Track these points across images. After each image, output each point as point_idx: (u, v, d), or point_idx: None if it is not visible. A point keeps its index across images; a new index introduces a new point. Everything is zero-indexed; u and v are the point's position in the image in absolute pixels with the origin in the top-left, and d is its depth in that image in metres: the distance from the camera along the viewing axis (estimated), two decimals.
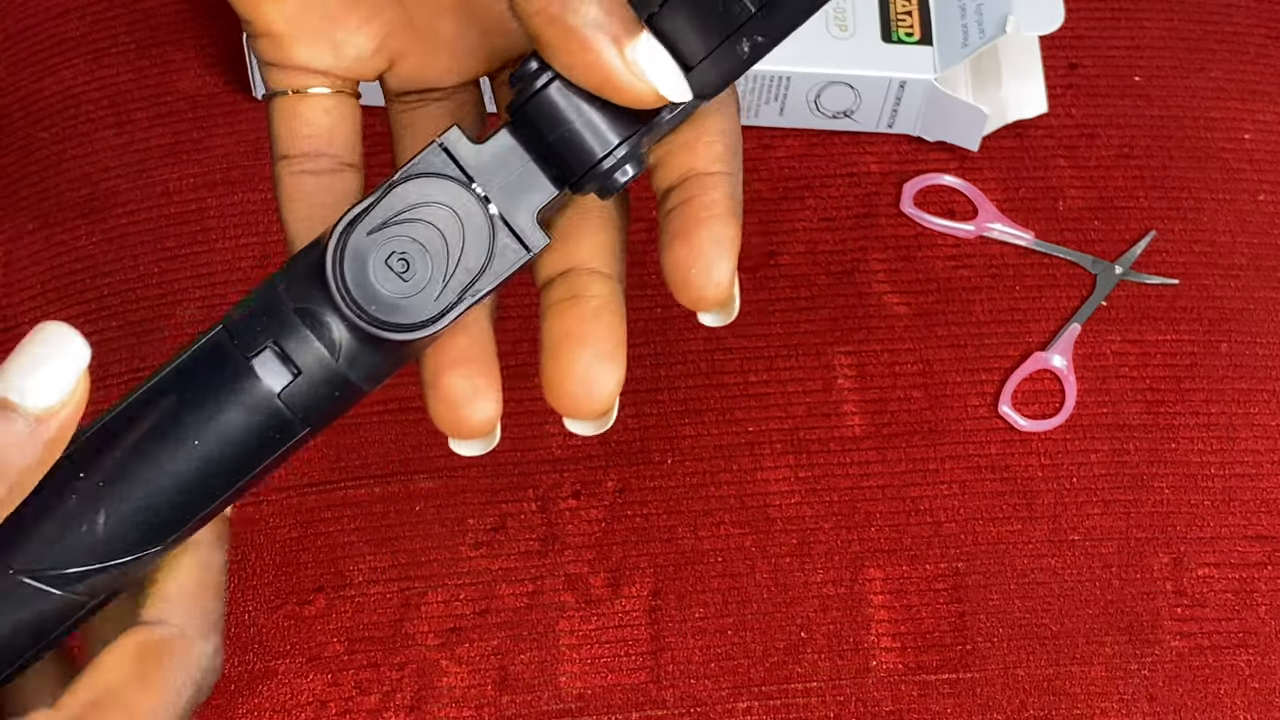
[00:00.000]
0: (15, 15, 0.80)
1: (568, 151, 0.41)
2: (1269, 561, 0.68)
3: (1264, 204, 0.76)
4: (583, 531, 0.67)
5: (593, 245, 0.44)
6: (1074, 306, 0.73)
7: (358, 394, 0.42)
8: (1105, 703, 0.65)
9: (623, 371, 0.43)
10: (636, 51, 0.40)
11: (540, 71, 0.41)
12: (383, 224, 0.41)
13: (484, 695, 0.64)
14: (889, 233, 0.74)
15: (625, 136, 0.41)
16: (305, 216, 0.46)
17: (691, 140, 0.44)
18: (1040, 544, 0.68)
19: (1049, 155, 0.77)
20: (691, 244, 0.42)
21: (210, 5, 0.79)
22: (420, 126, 0.47)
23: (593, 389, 0.43)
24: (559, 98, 0.41)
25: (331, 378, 0.41)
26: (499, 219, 0.41)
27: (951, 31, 0.75)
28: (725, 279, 0.42)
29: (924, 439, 0.70)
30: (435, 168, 0.41)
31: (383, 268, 0.41)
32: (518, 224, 0.42)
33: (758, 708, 0.64)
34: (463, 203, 0.41)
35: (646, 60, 0.40)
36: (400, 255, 0.41)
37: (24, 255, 0.74)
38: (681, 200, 0.43)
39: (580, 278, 0.44)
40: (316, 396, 0.41)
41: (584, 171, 0.41)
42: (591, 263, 0.44)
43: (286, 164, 0.46)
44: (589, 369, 0.43)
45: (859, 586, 0.67)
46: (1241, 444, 0.70)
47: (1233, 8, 0.82)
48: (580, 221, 0.44)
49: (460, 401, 0.43)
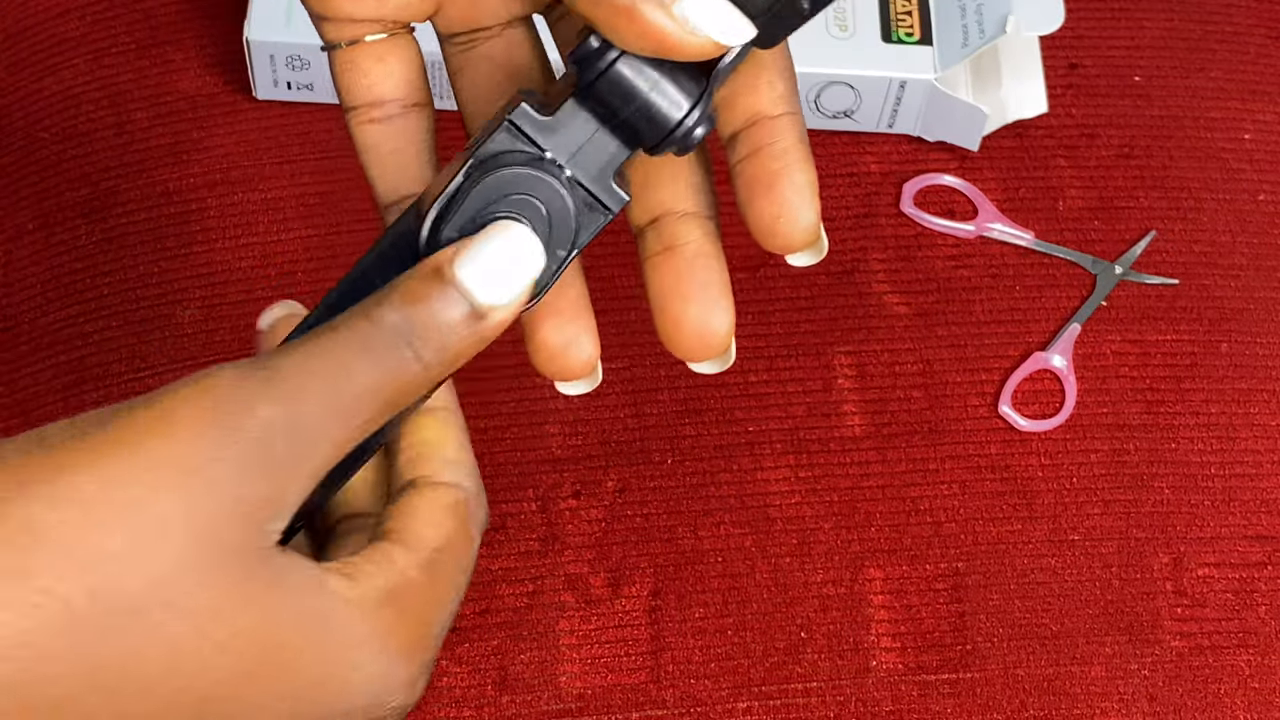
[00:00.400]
0: (15, 15, 0.80)
1: (642, 123, 0.42)
2: (1269, 561, 0.68)
3: (1264, 204, 0.76)
4: (583, 531, 0.67)
5: (677, 187, 0.45)
6: (1074, 306, 0.73)
7: None
8: (1105, 703, 0.65)
9: (731, 311, 0.44)
10: (683, 6, 0.40)
11: (603, 50, 0.41)
12: (472, 219, 0.42)
13: (484, 695, 0.64)
14: (889, 233, 0.74)
15: (696, 97, 0.41)
16: (380, 165, 0.47)
17: (752, 81, 0.44)
18: (1040, 544, 0.68)
19: (1049, 155, 0.77)
20: (774, 195, 0.43)
21: (210, 5, 0.79)
22: (474, 69, 0.47)
23: (706, 336, 0.44)
24: (626, 71, 0.41)
25: None
26: (577, 184, 0.42)
27: (951, 31, 0.75)
28: (812, 222, 0.43)
29: (924, 439, 0.70)
30: (509, 146, 0.42)
31: None
32: (596, 187, 0.42)
33: (758, 708, 0.64)
34: (543, 181, 0.42)
35: (695, 12, 0.40)
36: None
37: (24, 255, 0.74)
38: (753, 149, 0.43)
39: (671, 225, 0.45)
40: None
41: (661, 139, 0.42)
42: (680, 205, 0.45)
43: (354, 115, 0.47)
44: (698, 319, 0.44)
45: (859, 586, 0.67)
46: (1241, 444, 0.70)
47: (1233, 8, 0.82)
48: (661, 165, 0.45)
49: (558, 351, 0.45)
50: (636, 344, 0.71)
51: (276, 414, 0.38)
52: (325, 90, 0.76)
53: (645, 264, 0.45)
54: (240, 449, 0.38)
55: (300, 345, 0.40)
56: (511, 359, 0.71)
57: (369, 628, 0.40)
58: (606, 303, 0.72)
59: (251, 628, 0.38)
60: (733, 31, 0.40)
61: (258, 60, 0.75)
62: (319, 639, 0.39)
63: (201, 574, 0.38)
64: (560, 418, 0.69)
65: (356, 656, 0.40)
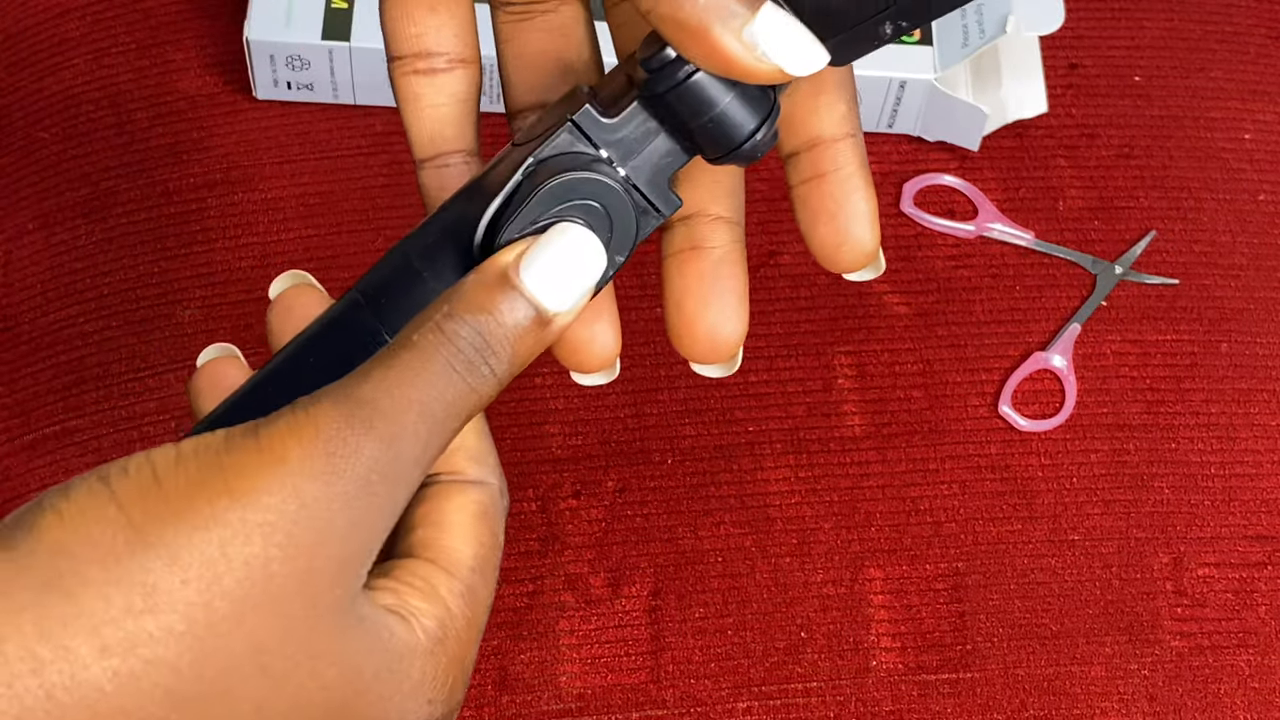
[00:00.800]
0: (15, 15, 0.80)
1: (709, 136, 0.42)
2: (1269, 561, 0.68)
3: (1264, 204, 0.76)
4: (583, 531, 0.67)
5: (716, 190, 0.45)
6: (1074, 306, 0.73)
7: None
8: (1105, 703, 0.65)
9: (746, 319, 0.45)
10: (754, 33, 0.39)
11: (680, 61, 0.41)
12: (533, 220, 0.41)
13: (484, 695, 0.64)
14: (889, 233, 0.74)
15: (765, 113, 0.41)
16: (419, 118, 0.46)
17: (812, 100, 0.44)
18: (1040, 544, 0.68)
19: (1049, 155, 0.77)
20: (838, 224, 0.44)
21: (210, 5, 0.79)
22: (524, 40, 0.46)
23: (718, 341, 0.45)
24: (704, 86, 0.41)
25: None
26: (633, 187, 0.42)
27: (952, 32, 0.75)
28: (872, 246, 0.44)
29: (924, 439, 0.70)
30: (569, 147, 0.42)
31: None
32: (651, 191, 0.42)
33: (758, 708, 0.64)
34: (608, 187, 0.42)
35: (765, 40, 0.40)
36: None
37: (24, 255, 0.74)
38: (815, 174, 0.44)
39: (701, 226, 0.45)
40: None
41: (727, 153, 0.42)
42: (712, 208, 0.45)
43: (398, 65, 0.46)
44: (714, 323, 0.44)
45: (859, 586, 0.67)
46: (1241, 444, 0.70)
47: (1233, 8, 0.82)
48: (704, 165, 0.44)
49: (581, 345, 0.45)
50: (637, 344, 0.71)
51: (380, 453, 0.38)
52: (325, 90, 0.76)
53: (668, 259, 0.45)
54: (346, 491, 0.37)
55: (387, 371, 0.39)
56: None
57: (421, 674, 0.40)
58: None
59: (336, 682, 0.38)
60: (804, 62, 0.40)
61: (258, 60, 0.75)
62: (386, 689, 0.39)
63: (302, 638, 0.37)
64: (560, 418, 0.69)
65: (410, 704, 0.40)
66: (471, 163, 0.46)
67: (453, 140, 0.46)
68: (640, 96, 0.42)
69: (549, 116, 0.43)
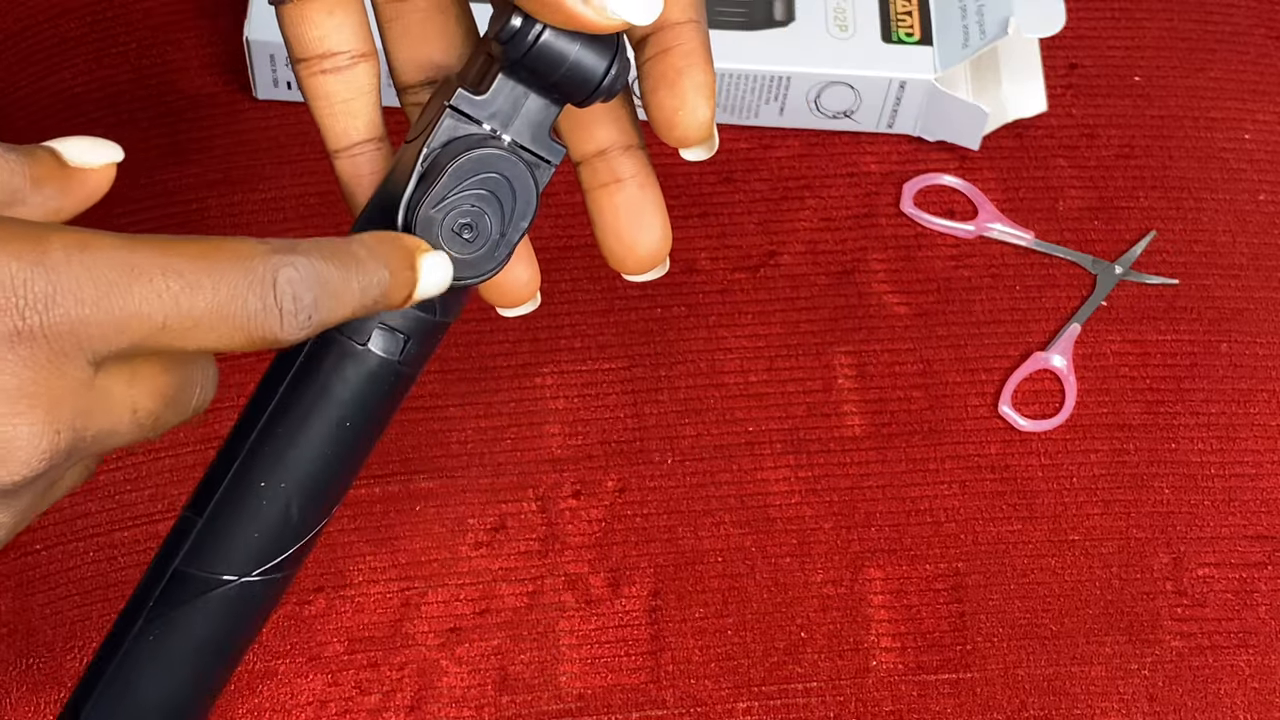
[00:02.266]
0: (15, 15, 0.80)
1: (570, 84, 0.46)
2: (1269, 561, 0.68)
3: (1264, 204, 0.76)
4: (583, 531, 0.67)
5: (611, 126, 0.50)
6: (1074, 306, 0.73)
7: (446, 328, 0.48)
8: (1105, 703, 0.65)
9: (669, 228, 0.50)
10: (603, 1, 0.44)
11: (527, 26, 0.45)
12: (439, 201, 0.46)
13: (484, 695, 0.64)
14: (889, 233, 0.74)
15: (612, 55, 0.45)
16: (332, 114, 0.50)
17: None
18: (1040, 544, 0.68)
19: (1049, 155, 0.77)
20: (676, 90, 0.47)
21: (210, 5, 0.79)
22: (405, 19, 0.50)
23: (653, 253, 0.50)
24: (552, 44, 0.45)
25: (432, 329, 0.47)
26: (520, 148, 0.47)
27: (952, 32, 0.75)
28: (707, 119, 0.47)
29: (924, 439, 0.70)
30: (455, 130, 0.46)
31: (451, 237, 0.46)
32: (536, 146, 0.47)
33: (758, 708, 0.64)
34: (502, 157, 0.46)
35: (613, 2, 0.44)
36: (463, 224, 0.46)
37: None
38: (660, 49, 0.47)
39: (613, 160, 0.50)
40: (422, 347, 0.48)
41: (588, 95, 0.46)
42: (621, 140, 0.50)
43: (304, 66, 0.50)
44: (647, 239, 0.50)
45: (859, 586, 0.67)
46: (1241, 444, 0.70)
47: (1233, 8, 0.82)
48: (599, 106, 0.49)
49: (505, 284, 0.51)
50: (637, 344, 0.71)
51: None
52: None
53: (593, 193, 0.50)
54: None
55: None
56: (511, 359, 0.71)
57: None
58: (607, 303, 0.72)
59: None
60: (646, 10, 0.44)
61: (258, 60, 0.75)
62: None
63: None
64: (560, 418, 0.69)
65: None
66: (382, 148, 0.51)
67: (364, 130, 0.51)
68: (503, 68, 0.46)
69: (429, 110, 0.48)
